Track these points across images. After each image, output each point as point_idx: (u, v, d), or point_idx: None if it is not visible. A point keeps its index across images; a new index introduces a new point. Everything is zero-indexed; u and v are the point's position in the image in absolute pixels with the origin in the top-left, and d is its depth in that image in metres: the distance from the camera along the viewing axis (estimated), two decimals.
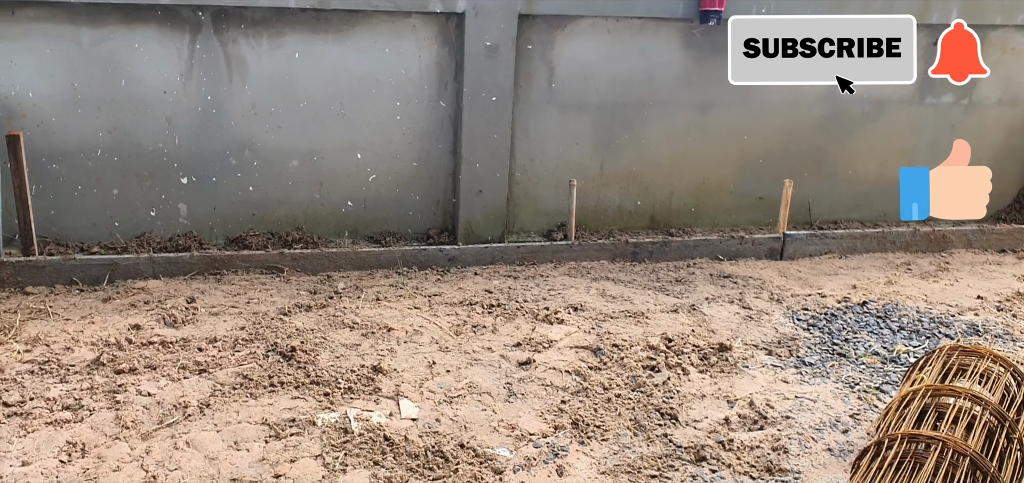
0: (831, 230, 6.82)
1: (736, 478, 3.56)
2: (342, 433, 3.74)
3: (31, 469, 3.38)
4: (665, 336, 4.86)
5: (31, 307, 4.85)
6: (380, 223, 6.21)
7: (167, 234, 5.77)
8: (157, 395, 3.96)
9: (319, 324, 4.82)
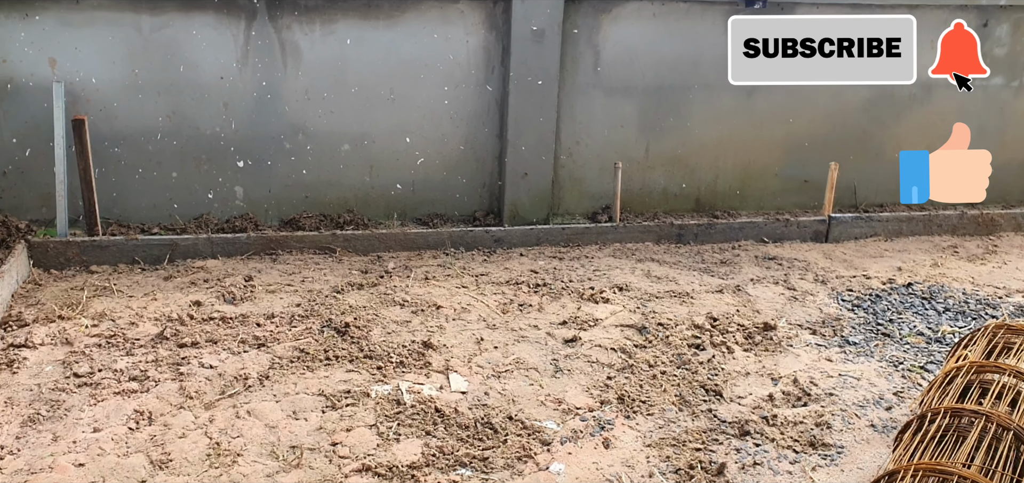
0: (877, 213, 6.81)
1: (779, 452, 3.63)
2: (395, 405, 3.88)
3: (102, 435, 3.56)
4: (710, 315, 4.92)
5: (96, 285, 5.06)
6: (428, 205, 6.35)
7: (224, 216, 5.96)
8: (218, 367, 4.13)
9: (371, 302, 4.97)
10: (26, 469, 3.30)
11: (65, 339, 4.34)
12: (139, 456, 3.41)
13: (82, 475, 3.28)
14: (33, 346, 4.26)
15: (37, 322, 4.51)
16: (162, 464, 3.37)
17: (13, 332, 4.40)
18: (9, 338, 4.32)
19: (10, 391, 3.84)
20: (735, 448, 3.65)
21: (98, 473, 3.29)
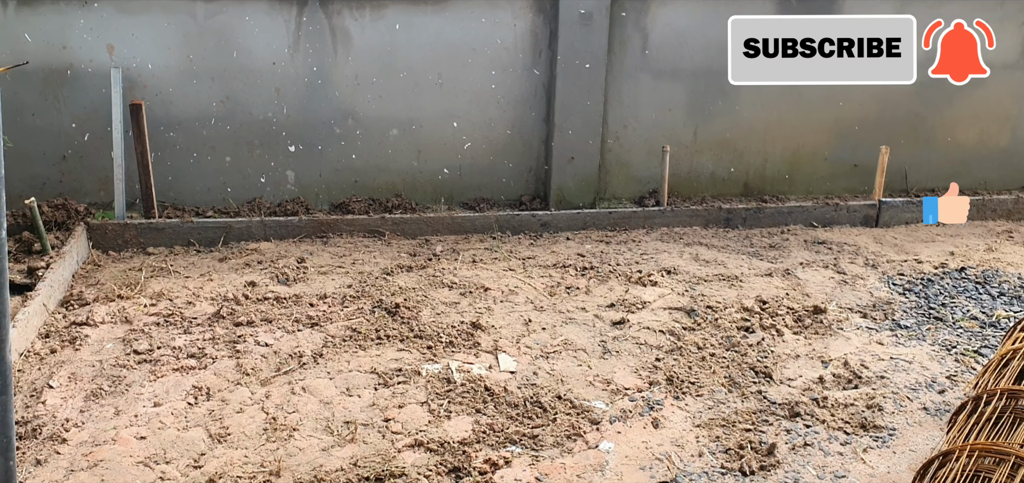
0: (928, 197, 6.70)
1: (830, 433, 3.61)
2: (445, 383, 3.93)
3: (162, 409, 3.66)
4: (759, 298, 4.90)
5: (153, 266, 5.19)
6: (474, 190, 6.39)
7: (276, 199, 6.07)
8: (274, 345, 4.22)
9: (420, 283, 5.03)
10: (90, 441, 3.41)
11: (125, 317, 4.46)
12: (198, 430, 3.51)
13: (144, 447, 3.38)
14: (94, 324, 4.38)
15: (98, 301, 4.64)
16: (220, 437, 3.46)
17: (75, 311, 4.53)
18: (71, 316, 4.45)
19: (73, 367, 3.97)
20: (785, 429, 3.64)
21: (159, 446, 3.39)
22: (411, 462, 3.33)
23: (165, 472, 3.23)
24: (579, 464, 3.36)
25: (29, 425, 3.48)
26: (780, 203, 6.59)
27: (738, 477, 3.31)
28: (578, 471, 3.32)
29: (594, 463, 3.38)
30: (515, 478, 3.24)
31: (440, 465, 3.32)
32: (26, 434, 3.42)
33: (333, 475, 3.23)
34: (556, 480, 3.25)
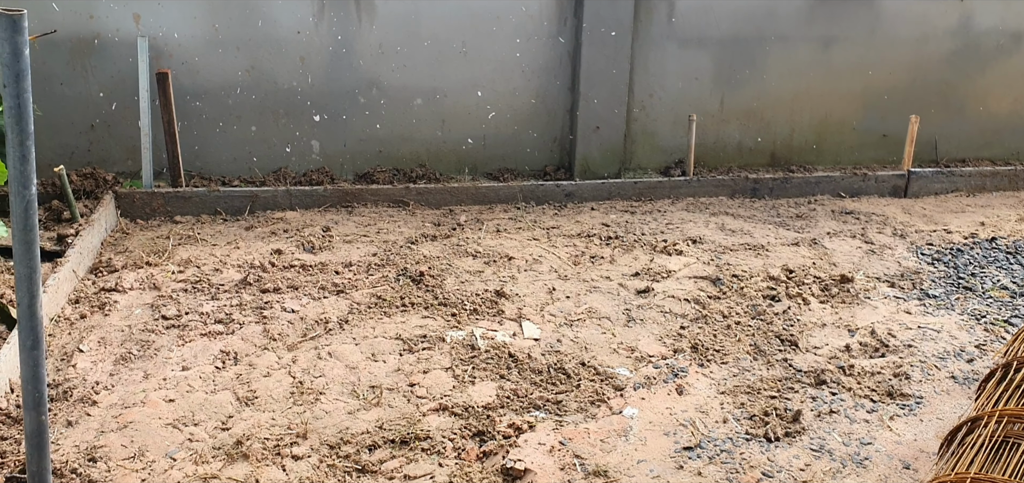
0: (958, 168, 6.61)
1: (856, 401, 3.59)
2: (469, 349, 3.94)
3: (191, 373, 3.70)
4: (785, 268, 4.87)
5: (181, 234, 5.23)
6: (498, 160, 6.38)
7: (301, 169, 6.09)
8: (300, 312, 4.25)
9: (444, 252, 5.04)
10: (120, 403, 3.45)
11: (153, 284, 4.51)
12: (226, 393, 3.55)
13: (173, 410, 3.42)
14: (123, 290, 4.43)
15: (126, 268, 4.69)
16: (248, 401, 3.49)
17: (104, 277, 4.58)
18: (100, 282, 4.51)
19: (103, 331, 4.02)
20: (811, 396, 3.62)
21: (188, 408, 3.43)
22: (436, 426, 3.35)
23: (194, 433, 3.27)
24: (603, 429, 3.37)
25: (60, 388, 3.53)
26: (807, 173, 6.53)
27: (763, 443, 3.30)
28: (602, 436, 3.32)
29: (618, 428, 3.38)
30: (539, 442, 3.26)
31: (464, 429, 3.33)
32: (57, 396, 3.48)
33: (359, 437, 3.26)
34: (580, 445, 3.26)
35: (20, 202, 1.72)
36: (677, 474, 3.11)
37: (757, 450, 3.25)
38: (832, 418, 3.46)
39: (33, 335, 1.84)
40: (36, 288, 1.83)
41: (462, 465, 3.13)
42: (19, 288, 1.83)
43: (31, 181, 1.74)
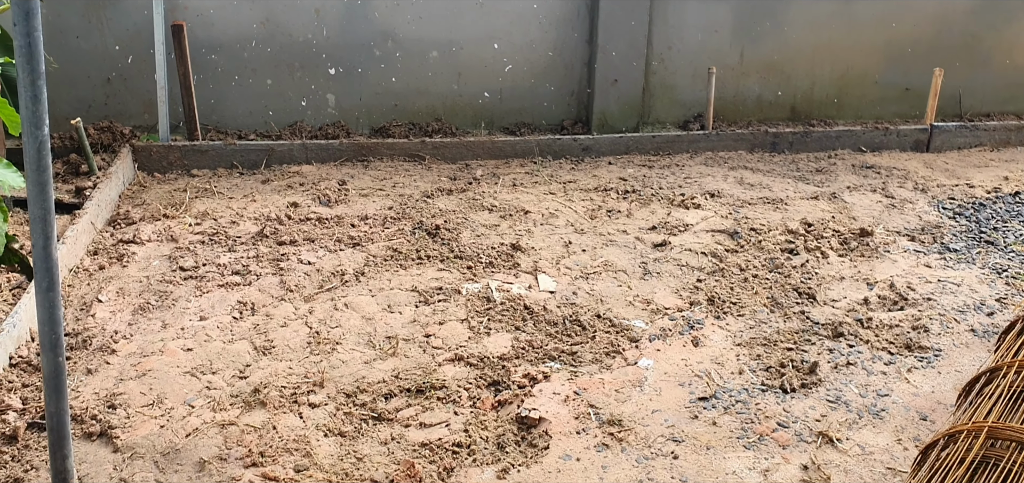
0: (982, 122, 6.51)
1: (874, 353, 3.56)
2: (485, 302, 3.94)
3: (209, 323, 3.72)
4: (804, 221, 4.82)
5: (198, 187, 5.24)
6: (515, 114, 6.34)
7: (317, 123, 6.08)
8: (316, 264, 4.26)
9: (460, 206, 5.03)
10: (139, 352, 3.48)
11: (170, 236, 4.52)
12: (244, 343, 3.57)
13: (191, 359, 3.44)
14: (141, 242, 4.45)
15: (144, 220, 4.71)
16: (265, 350, 3.51)
17: (122, 229, 4.60)
18: (119, 234, 4.53)
19: (121, 282, 4.04)
20: (828, 348, 3.60)
21: (205, 357, 3.45)
22: (451, 375, 3.36)
23: (211, 381, 3.29)
24: (618, 380, 3.37)
25: (79, 337, 3.56)
26: (828, 127, 6.45)
27: (778, 394, 3.28)
28: (617, 386, 3.32)
29: (633, 379, 3.37)
30: (553, 392, 3.26)
31: (480, 379, 3.34)
32: (77, 345, 3.51)
33: (375, 386, 3.27)
34: (594, 394, 3.26)
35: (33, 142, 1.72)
36: (691, 424, 3.11)
37: (773, 401, 3.24)
38: (849, 370, 3.44)
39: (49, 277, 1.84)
40: (51, 230, 1.83)
41: (477, 414, 3.14)
42: (34, 230, 1.83)
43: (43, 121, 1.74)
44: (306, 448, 2.93)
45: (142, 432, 2.99)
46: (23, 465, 2.83)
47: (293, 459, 2.88)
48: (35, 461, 2.84)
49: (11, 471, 2.79)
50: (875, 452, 2.98)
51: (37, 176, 1.76)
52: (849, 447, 3.00)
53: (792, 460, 2.93)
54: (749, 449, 2.98)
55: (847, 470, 2.89)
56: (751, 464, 2.90)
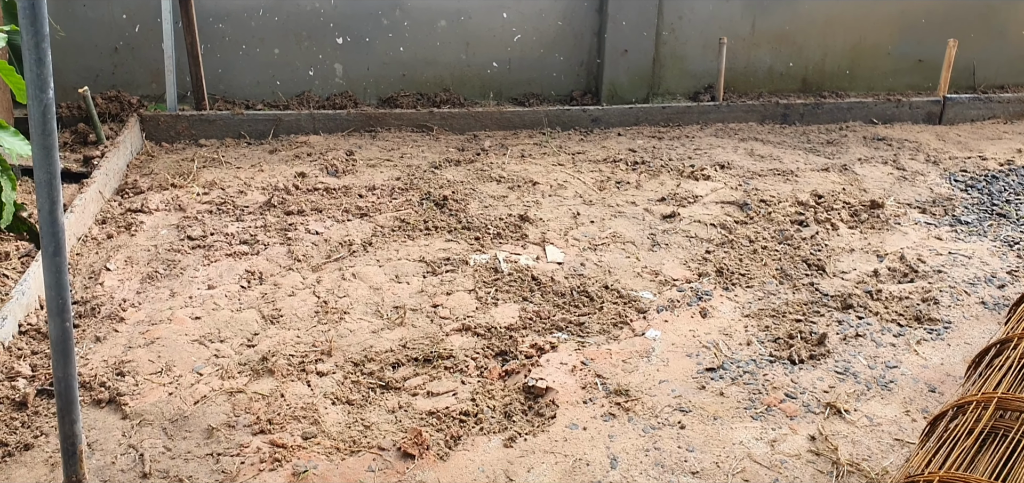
0: (997, 94, 6.45)
1: (883, 325, 3.55)
2: (492, 272, 3.93)
3: (216, 292, 3.73)
4: (814, 193, 4.79)
5: (205, 156, 5.23)
6: (524, 85, 6.30)
7: (324, 93, 6.06)
8: (324, 234, 4.25)
9: (468, 177, 5.01)
10: (147, 320, 3.49)
11: (178, 205, 4.52)
12: (251, 311, 3.57)
13: (199, 327, 3.45)
14: (149, 211, 4.46)
15: (152, 190, 4.71)
16: (273, 319, 3.52)
17: (130, 198, 4.60)
18: (127, 204, 4.53)
19: (130, 251, 4.05)
20: (837, 320, 3.58)
21: (213, 325, 3.46)
22: (459, 345, 3.36)
23: (220, 349, 3.30)
24: (625, 350, 3.36)
25: (88, 305, 3.57)
26: (839, 99, 6.39)
27: (787, 365, 3.27)
28: (624, 356, 3.31)
29: (640, 349, 3.37)
30: (561, 362, 3.25)
31: (487, 348, 3.34)
32: (85, 313, 3.52)
33: (383, 355, 3.27)
34: (602, 365, 3.26)
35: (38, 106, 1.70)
36: (699, 394, 3.10)
37: (781, 372, 3.23)
38: (858, 342, 3.43)
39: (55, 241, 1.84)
40: (57, 194, 1.82)
41: (484, 383, 3.14)
42: (39, 194, 1.82)
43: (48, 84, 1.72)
44: (314, 416, 2.94)
45: (150, 399, 3.00)
46: (33, 431, 2.85)
47: (301, 427, 2.89)
48: (44, 427, 2.86)
49: (21, 437, 2.81)
50: (883, 423, 2.97)
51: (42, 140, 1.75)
52: (857, 418, 2.99)
53: (800, 431, 2.92)
54: (756, 420, 2.97)
55: (855, 441, 2.88)
56: (758, 434, 2.90)
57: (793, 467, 2.76)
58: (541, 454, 2.79)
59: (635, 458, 2.78)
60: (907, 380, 3.21)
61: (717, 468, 2.74)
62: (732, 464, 2.76)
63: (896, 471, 2.69)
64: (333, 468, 2.71)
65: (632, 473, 2.72)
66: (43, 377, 3.09)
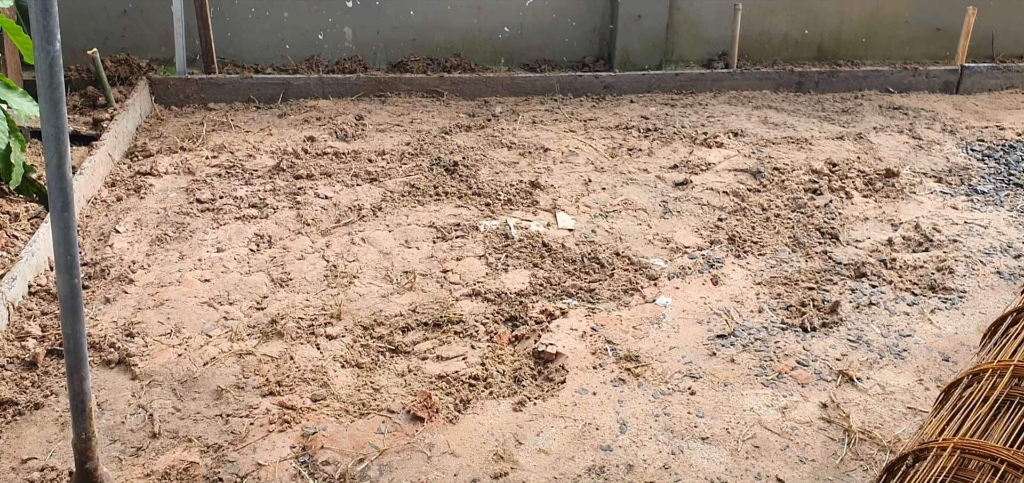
0: (1016, 64, 6.35)
1: (897, 294, 3.51)
2: (503, 238, 3.91)
3: (226, 255, 3.72)
4: (829, 161, 4.74)
5: (214, 120, 5.21)
6: (535, 50, 6.24)
7: (334, 57, 6.01)
8: (333, 198, 4.23)
9: (478, 143, 4.97)
10: (156, 282, 3.48)
11: (187, 169, 4.51)
12: (260, 274, 3.56)
13: (208, 289, 3.44)
14: (158, 174, 4.44)
15: (161, 153, 4.69)
16: (282, 282, 3.50)
17: (139, 161, 4.59)
18: (136, 166, 4.52)
19: (139, 214, 4.04)
20: (850, 288, 3.55)
21: (222, 288, 3.45)
22: (468, 310, 3.34)
23: (229, 312, 3.29)
24: (635, 317, 3.34)
25: (97, 266, 3.56)
26: (855, 67, 6.32)
27: (798, 333, 3.25)
28: (634, 323, 3.29)
29: (651, 316, 3.34)
30: (571, 328, 3.23)
31: (497, 314, 3.32)
32: (95, 274, 3.51)
33: (392, 319, 3.26)
34: (612, 331, 3.23)
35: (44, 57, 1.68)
36: (709, 361, 3.08)
37: (792, 339, 3.21)
38: (871, 310, 3.40)
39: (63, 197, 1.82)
40: (64, 149, 1.80)
41: (494, 348, 3.12)
42: (47, 148, 1.80)
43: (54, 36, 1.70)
44: (323, 378, 2.93)
45: (160, 360, 3.00)
46: (43, 390, 2.85)
47: (310, 389, 2.88)
48: (54, 387, 2.86)
49: (31, 396, 2.81)
50: (895, 391, 2.95)
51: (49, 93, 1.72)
52: (869, 386, 2.97)
53: (811, 398, 2.90)
54: (767, 386, 2.95)
55: (867, 409, 2.86)
56: (769, 401, 2.88)
57: (804, 434, 2.74)
58: (550, 418, 2.78)
59: (644, 423, 2.77)
60: (920, 349, 3.18)
61: (727, 434, 2.73)
62: (742, 430, 2.74)
63: (909, 439, 2.67)
64: (342, 430, 2.70)
65: (641, 438, 2.70)
66: (53, 337, 3.09)
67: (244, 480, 2.51)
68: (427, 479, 2.53)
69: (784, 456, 2.65)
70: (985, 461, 1.97)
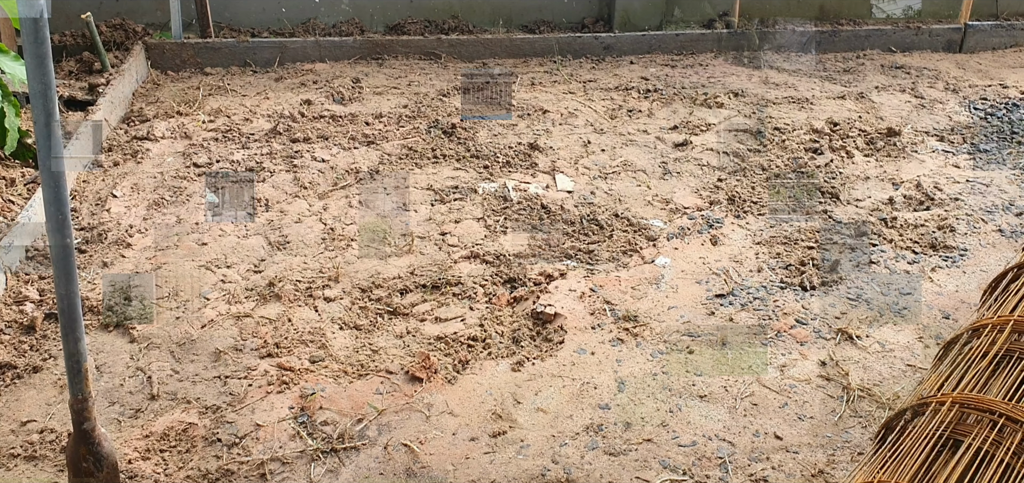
0: (1020, 21, 6.28)
1: (897, 252, 3.49)
2: (501, 201, 3.89)
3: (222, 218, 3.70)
4: (830, 121, 4.70)
5: (211, 84, 5.17)
6: (534, 12, 6.18)
7: (330, 20, 5.96)
8: (330, 162, 4.21)
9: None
10: (154, 247, 3.47)
11: (184, 133, 4.48)
12: (258, 238, 3.54)
13: (205, 253, 3.43)
14: (155, 139, 4.41)
15: (157, 118, 4.66)
16: (280, 245, 3.49)
17: (136, 126, 4.56)
18: (132, 131, 4.49)
19: (136, 178, 4.02)
20: (850, 247, 3.53)
21: (220, 251, 3.44)
22: (467, 272, 3.33)
23: (226, 275, 3.28)
24: (634, 277, 3.32)
25: (95, 231, 3.55)
26: (857, 27, 6.25)
27: (798, 292, 3.23)
28: (633, 283, 3.28)
29: (650, 276, 3.33)
30: (569, 289, 3.22)
31: (495, 276, 3.31)
32: (92, 239, 3.50)
33: (390, 282, 3.25)
34: (611, 292, 3.22)
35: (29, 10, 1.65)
36: (708, 320, 3.07)
37: (792, 298, 3.20)
38: (871, 269, 3.38)
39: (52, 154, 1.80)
40: (52, 106, 1.78)
41: (493, 309, 3.11)
42: (34, 106, 1.78)
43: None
44: (322, 340, 2.93)
45: (158, 323, 2.99)
46: (41, 354, 2.85)
47: (309, 351, 2.88)
48: (53, 350, 2.86)
49: (29, 360, 2.81)
50: (895, 349, 2.94)
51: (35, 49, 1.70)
52: (869, 344, 2.96)
53: (810, 356, 2.90)
54: (766, 345, 2.94)
55: (866, 366, 2.85)
56: (768, 359, 2.87)
57: (803, 391, 2.73)
58: (549, 378, 2.78)
59: (643, 382, 2.76)
60: (921, 306, 3.17)
61: (725, 392, 2.72)
62: (740, 388, 2.74)
63: (908, 395, 2.67)
64: (341, 390, 2.70)
65: (639, 396, 2.70)
66: (50, 301, 3.09)
67: (243, 440, 2.51)
68: (426, 438, 2.53)
69: (782, 413, 2.65)
70: (983, 415, 1.96)
